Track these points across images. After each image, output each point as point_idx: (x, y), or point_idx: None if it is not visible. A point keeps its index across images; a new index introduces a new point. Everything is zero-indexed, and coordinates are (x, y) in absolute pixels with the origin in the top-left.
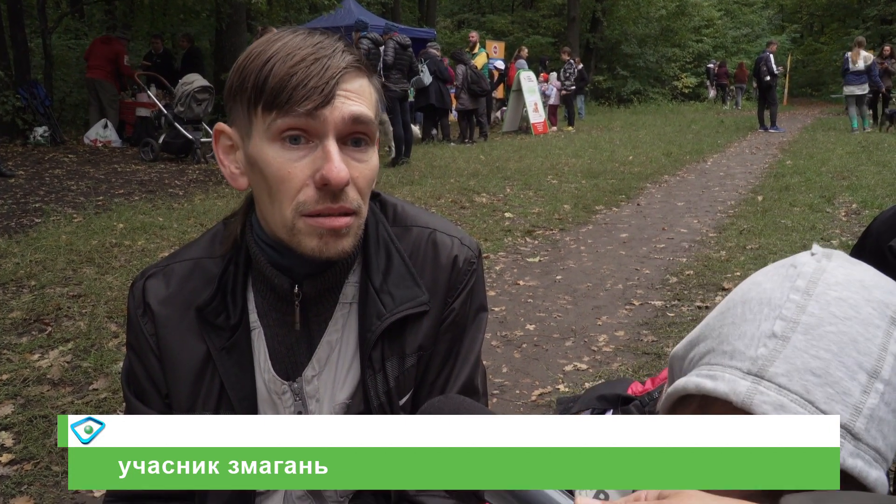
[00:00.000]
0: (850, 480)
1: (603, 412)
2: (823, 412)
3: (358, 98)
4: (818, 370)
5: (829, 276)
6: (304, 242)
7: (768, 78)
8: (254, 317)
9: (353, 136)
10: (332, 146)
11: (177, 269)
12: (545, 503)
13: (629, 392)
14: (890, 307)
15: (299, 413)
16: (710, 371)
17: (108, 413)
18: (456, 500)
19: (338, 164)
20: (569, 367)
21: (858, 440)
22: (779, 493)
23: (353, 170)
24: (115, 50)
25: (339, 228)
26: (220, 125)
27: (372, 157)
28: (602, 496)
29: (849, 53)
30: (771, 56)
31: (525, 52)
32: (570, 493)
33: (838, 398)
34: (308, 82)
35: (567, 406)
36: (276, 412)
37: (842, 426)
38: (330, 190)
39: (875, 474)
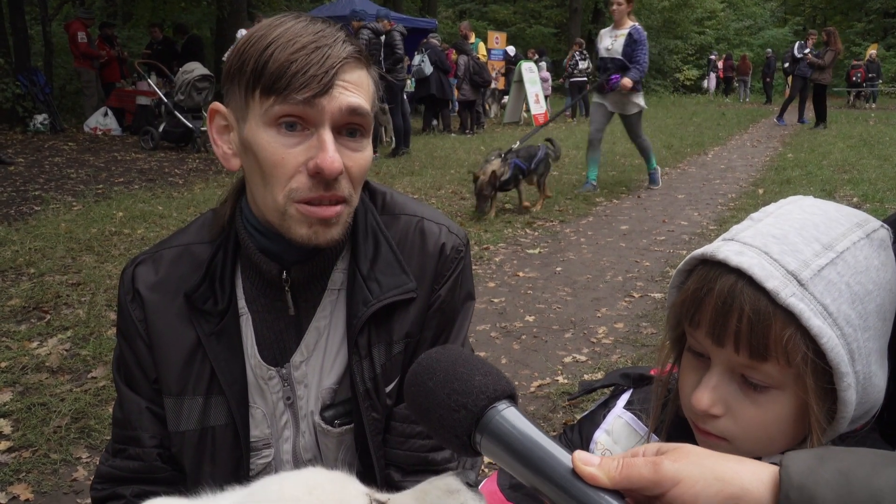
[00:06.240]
0: (799, 327)
1: (624, 389)
2: (776, 261)
3: (356, 89)
4: (778, 235)
5: (809, 197)
6: (294, 229)
7: (787, 65)
8: (242, 303)
9: (349, 126)
10: (327, 135)
11: (166, 255)
12: (543, 457)
13: (651, 373)
14: (858, 217)
15: (287, 399)
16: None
17: (105, 401)
18: (455, 451)
19: (332, 153)
20: (568, 359)
21: (804, 287)
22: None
23: (348, 159)
24: (73, 31)
25: (330, 218)
26: (216, 105)
27: (366, 149)
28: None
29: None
30: (797, 45)
31: (583, 44)
32: (569, 450)
33: (790, 252)
34: (308, 70)
35: (591, 383)
36: (264, 398)
37: (789, 272)
38: (323, 178)
39: (819, 324)
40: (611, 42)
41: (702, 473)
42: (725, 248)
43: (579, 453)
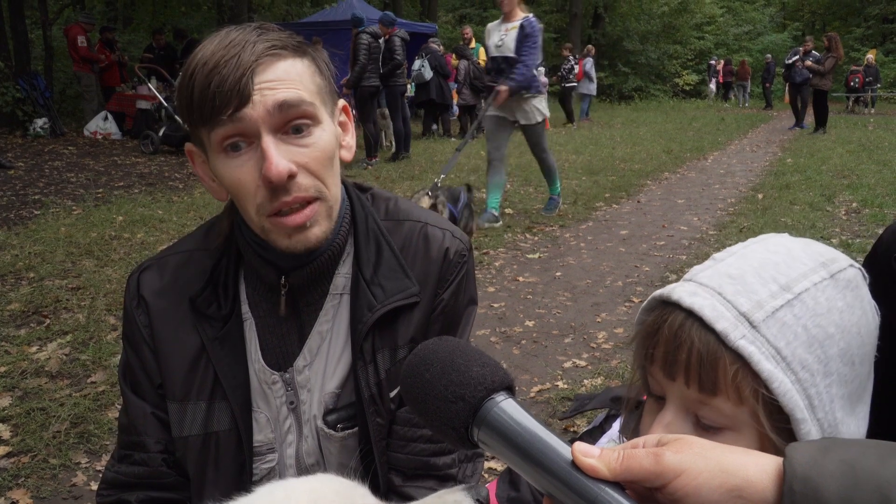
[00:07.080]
0: (750, 370)
1: (617, 414)
2: (729, 302)
3: (281, 84)
4: (735, 275)
5: (782, 235)
6: (276, 241)
7: (783, 70)
8: (245, 308)
9: (292, 123)
10: (266, 143)
11: (171, 261)
12: (542, 449)
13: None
14: (825, 256)
15: (291, 403)
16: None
17: (105, 406)
18: (452, 444)
19: (274, 160)
20: (568, 364)
21: (756, 329)
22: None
23: (300, 157)
24: (73, 35)
25: (303, 223)
26: (189, 146)
27: (320, 138)
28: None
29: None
30: (791, 51)
31: (593, 50)
32: (570, 441)
33: (745, 294)
34: (223, 86)
35: (583, 403)
36: (267, 403)
37: (741, 313)
38: (275, 187)
39: (770, 368)
40: (500, 38)
41: (705, 464)
42: (680, 289)
43: (579, 444)
